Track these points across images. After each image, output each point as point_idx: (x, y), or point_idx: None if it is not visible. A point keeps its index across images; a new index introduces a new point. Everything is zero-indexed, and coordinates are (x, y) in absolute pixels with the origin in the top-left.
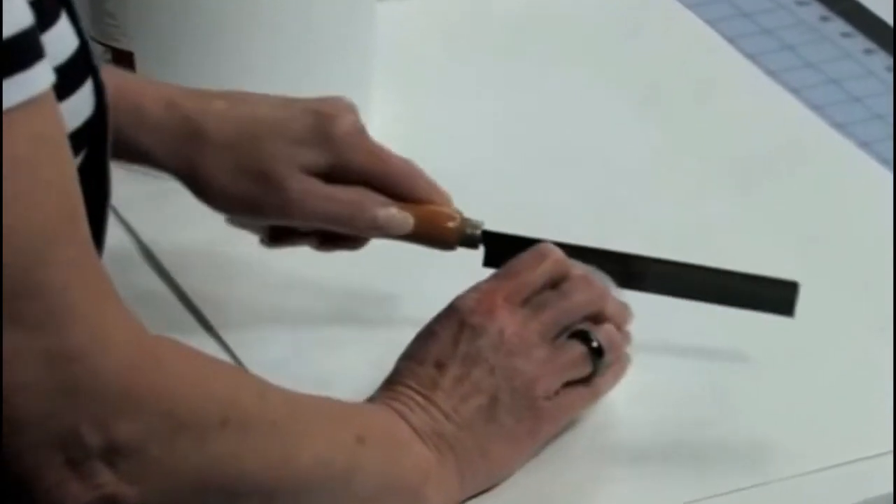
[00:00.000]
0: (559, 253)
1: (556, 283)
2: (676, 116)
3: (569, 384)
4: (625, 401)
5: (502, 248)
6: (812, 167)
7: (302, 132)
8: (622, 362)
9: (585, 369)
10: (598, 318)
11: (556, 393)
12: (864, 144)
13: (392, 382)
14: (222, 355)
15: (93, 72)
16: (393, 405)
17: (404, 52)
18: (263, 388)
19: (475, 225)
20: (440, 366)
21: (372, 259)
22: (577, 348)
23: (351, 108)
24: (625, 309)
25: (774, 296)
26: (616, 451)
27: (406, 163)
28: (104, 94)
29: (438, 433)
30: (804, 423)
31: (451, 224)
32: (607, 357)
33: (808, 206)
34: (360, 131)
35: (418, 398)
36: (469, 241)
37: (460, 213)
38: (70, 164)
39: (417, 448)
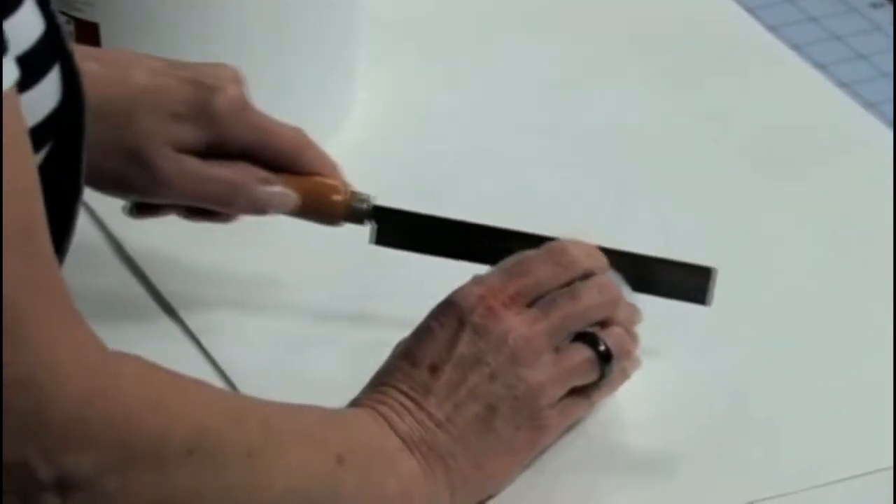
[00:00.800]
0: (575, 253)
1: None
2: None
3: (573, 390)
4: (630, 405)
5: (396, 225)
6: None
7: (178, 105)
8: (630, 363)
9: (592, 375)
10: (606, 322)
11: (560, 400)
12: None
13: (382, 384)
14: (195, 351)
15: (63, 58)
16: (381, 410)
17: (390, 28)
18: (240, 412)
19: (363, 199)
20: (434, 369)
21: (352, 254)
22: (584, 353)
23: (235, 78)
24: (635, 312)
25: (690, 283)
26: (620, 457)
27: (293, 133)
28: (78, 82)
29: (429, 444)
30: (819, 433)
31: (336, 197)
32: (616, 363)
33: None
34: (243, 104)
35: (409, 403)
36: (355, 216)
37: (347, 186)
38: (29, 173)
39: (403, 463)
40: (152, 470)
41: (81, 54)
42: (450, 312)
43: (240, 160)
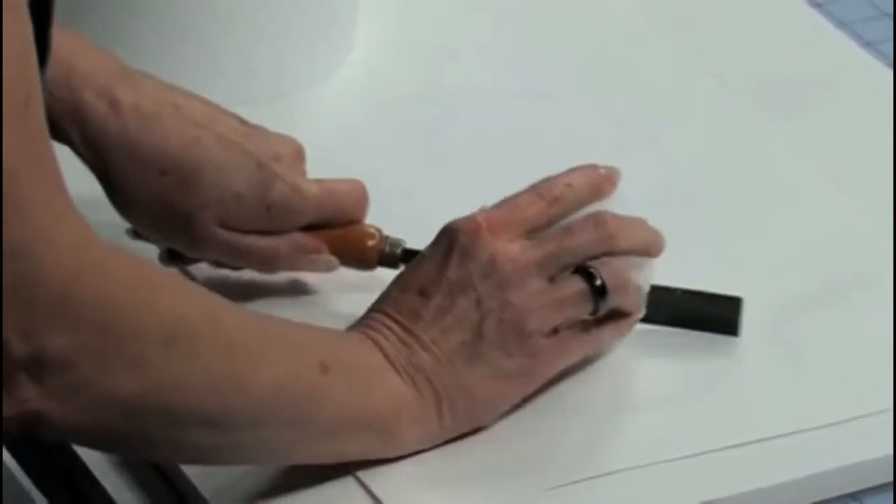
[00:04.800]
0: (567, 192)
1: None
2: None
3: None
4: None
5: None
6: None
7: (241, 185)
8: (635, 309)
9: (586, 308)
10: (611, 255)
11: (555, 332)
12: None
13: (372, 310)
14: None
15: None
16: (368, 333)
17: None
18: (218, 308)
19: (396, 243)
20: (424, 294)
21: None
22: (577, 285)
23: (295, 156)
24: (654, 241)
25: (719, 314)
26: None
27: (352, 188)
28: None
29: (416, 366)
30: (818, 374)
31: (371, 243)
32: (611, 299)
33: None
34: (297, 191)
35: (396, 328)
36: (389, 260)
37: (379, 230)
38: (26, 36)
39: (391, 380)
40: (129, 357)
41: (155, 103)
42: (442, 239)
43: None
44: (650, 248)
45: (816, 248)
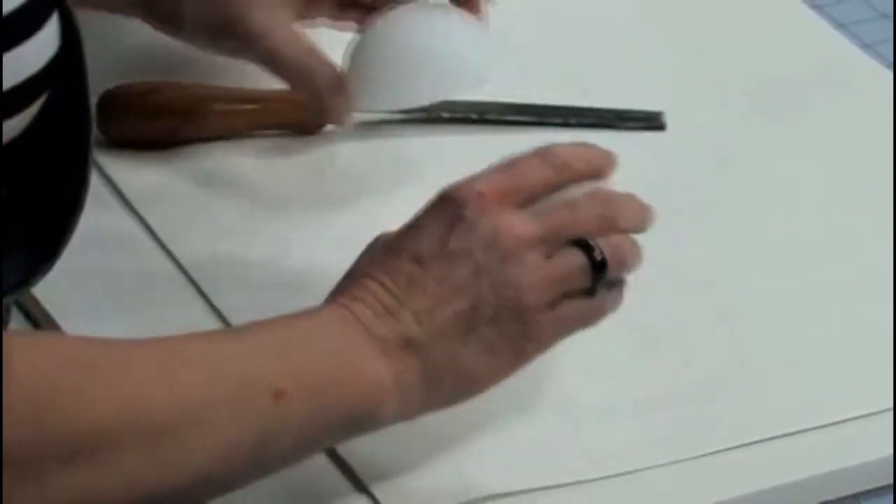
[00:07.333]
0: (567, 155)
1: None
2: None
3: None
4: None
5: None
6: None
7: None
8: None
9: (584, 283)
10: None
11: (550, 306)
12: None
13: (362, 275)
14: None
15: (60, 3)
16: (349, 305)
17: None
18: (140, 391)
19: None
20: (420, 262)
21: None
22: (577, 258)
23: None
24: (645, 215)
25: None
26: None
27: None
28: (75, 24)
29: (404, 337)
30: (819, 373)
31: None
32: (611, 273)
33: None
34: None
35: (386, 296)
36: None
37: None
38: None
39: (370, 366)
40: (28, 482)
41: None
42: (444, 206)
43: None
44: (642, 227)
45: (816, 249)
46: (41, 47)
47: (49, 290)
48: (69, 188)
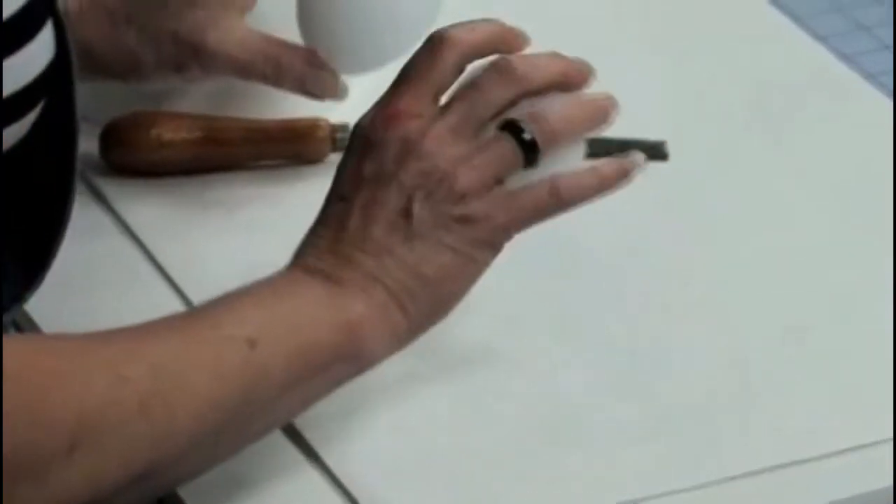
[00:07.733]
0: (458, 37)
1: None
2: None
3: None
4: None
5: None
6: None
7: None
8: (577, 150)
9: (516, 165)
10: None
11: (488, 189)
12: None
13: (306, 235)
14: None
15: (53, 11)
16: (300, 263)
17: None
18: (121, 369)
19: (344, 128)
20: (344, 199)
21: None
22: (505, 142)
23: None
24: (569, 66)
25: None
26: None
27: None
28: (65, 33)
29: (362, 272)
30: (819, 401)
31: (321, 133)
32: (544, 152)
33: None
34: None
35: (325, 244)
36: (343, 146)
37: (326, 120)
38: None
39: (339, 304)
40: (29, 483)
41: None
42: (352, 141)
43: None
44: (568, 77)
45: (817, 279)
46: (39, 52)
47: (51, 320)
48: (57, 199)
